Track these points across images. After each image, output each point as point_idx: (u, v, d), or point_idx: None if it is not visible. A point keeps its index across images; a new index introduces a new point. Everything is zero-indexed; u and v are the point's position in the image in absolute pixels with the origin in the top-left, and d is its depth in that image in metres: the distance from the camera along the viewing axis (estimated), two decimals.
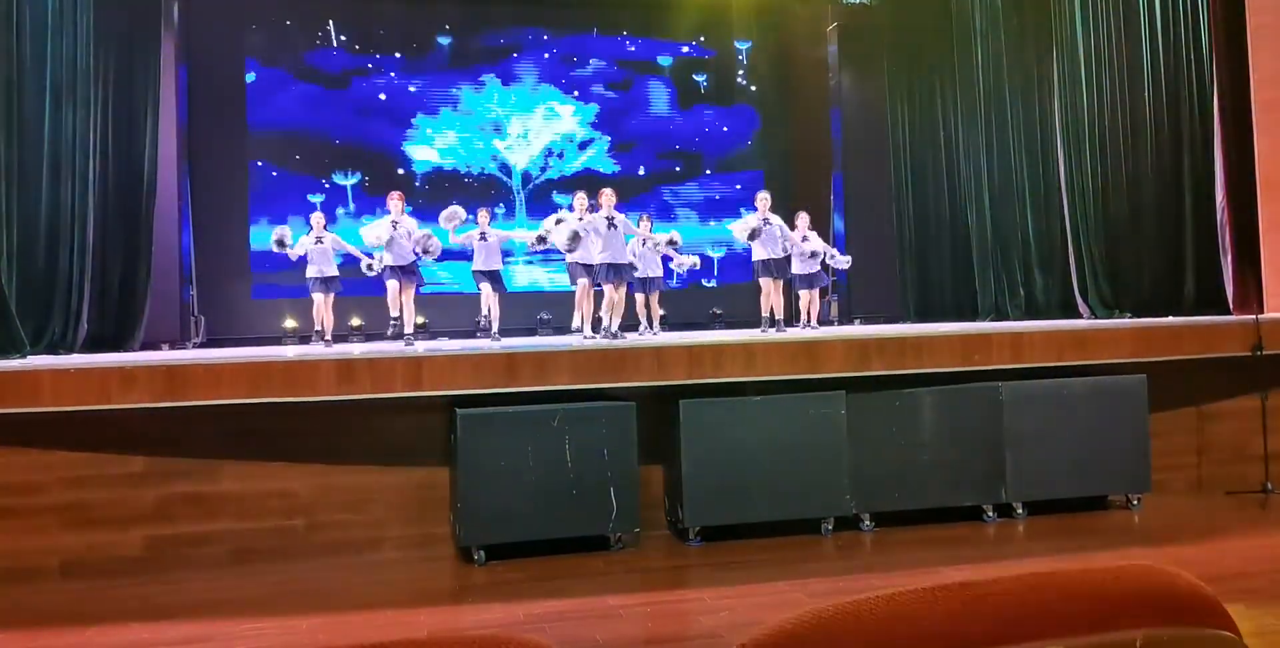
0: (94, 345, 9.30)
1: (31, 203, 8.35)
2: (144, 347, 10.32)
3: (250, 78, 13.34)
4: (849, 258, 10.22)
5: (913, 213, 12.91)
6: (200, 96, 12.80)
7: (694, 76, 14.91)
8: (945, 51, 12.35)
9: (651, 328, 9.31)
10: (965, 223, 12.06)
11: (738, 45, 15.06)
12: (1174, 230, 9.12)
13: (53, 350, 8.40)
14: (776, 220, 9.10)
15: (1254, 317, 7.00)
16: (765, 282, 9.16)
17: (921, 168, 12.84)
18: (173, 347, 11.02)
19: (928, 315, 12.34)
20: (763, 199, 9.14)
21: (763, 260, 9.08)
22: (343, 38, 13.74)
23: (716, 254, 14.48)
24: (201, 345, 11.61)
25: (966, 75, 11.92)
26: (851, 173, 13.93)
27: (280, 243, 8.92)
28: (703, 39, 14.88)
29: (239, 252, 13.01)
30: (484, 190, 13.86)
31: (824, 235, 13.46)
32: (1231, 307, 8.19)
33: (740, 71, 15.07)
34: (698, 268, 9.82)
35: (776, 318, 9.08)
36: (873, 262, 13.50)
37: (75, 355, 8.40)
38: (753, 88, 15.07)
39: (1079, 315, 9.96)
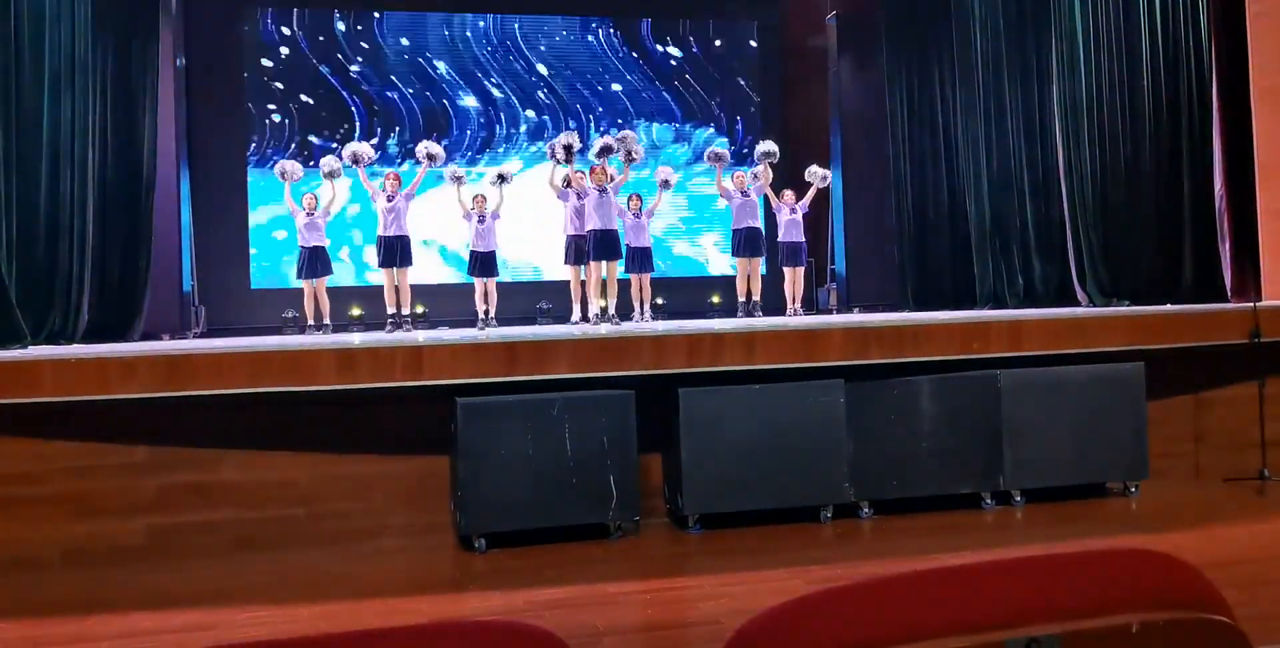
0: (94, 336, 9.30)
1: (30, 193, 8.34)
2: (144, 337, 10.32)
3: (249, 65, 13.31)
4: (825, 173, 9.86)
5: (911, 201, 12.89)
6: (199, 85, 12.77)
7: (694, 65, 14.87)
8: (944, 39, 12.33)
9: (643, 313, 9.25)
10: (964, 211, 12.05)
11: (737, 34, 15.01)
12: (1172, 218, 9.13)
13: (53, 341, 8.41)
14: (754, 193, 9.03)
15: (1252, 304, 7.00)
16: (741, 261, 9.11)
17: (920, 156, 12.82)
18: (173, 337, 11.02)
19: (926, 303, 12.33)
20: (738, 176, 9.07)
21: (738, 231, 9.00)
22: (342, 27, 13.70)
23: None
24: (202, 335, 11.62)
25: (965, 63, 11.90)
26: (850, 161, 13.92)
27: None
28: (702, 27, 14.85)
29: (239, 241, 13.01)
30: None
31: (822, 221, 13.49)
32: (1229, 294, 8.19)
33: (739, 60, 15.03)
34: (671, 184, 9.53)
35: (754, 299, 9.02)
36: (871, 250, 13.51)
37: (76, 346, 8.40)
38: (751, 76, 15.04)
39: (1077, 303, 9.97)
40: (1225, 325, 6.83)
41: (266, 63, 13.35)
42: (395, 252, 8.48)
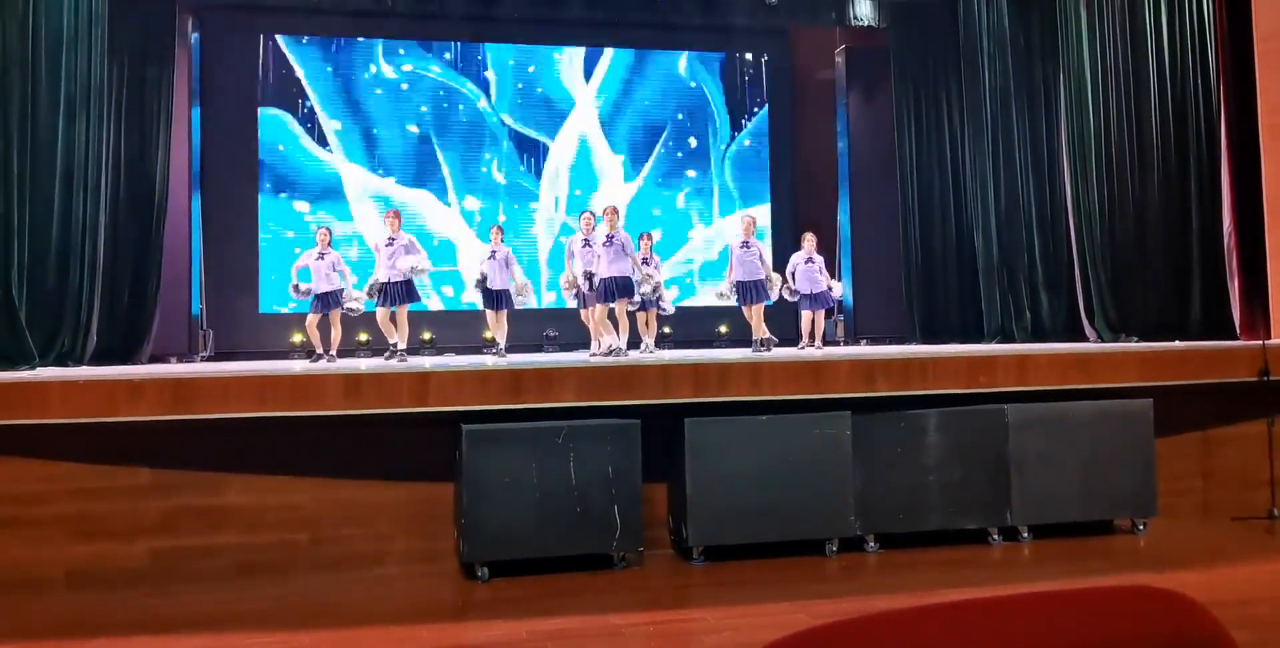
0: (102, 358, 9.32)
1: (43, 215, 8.38)
2: (152, 359, 10.34)
3: (262, 90, 13.41)
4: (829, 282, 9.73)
5: (919, 234, 12.91)
6: (213, 110, 12.87)
7: (701, 98, 14.96)
8: (953, 74, 12.41)
9: (650, 346, 9.27)
10: (972, 244, 12.07)
11: (745, 67, 15.11)
12: (1180, 254, 9.13)
13: (61, 362, 8.42)
14: (756, 244, 9.12)
15: (1261, 342, 6.99)
16: (746, 308, 9.22)
17: (928, 189, 12.86)
18: (181, 360, 11.04)
19: (934, 337, 12.32)
20: (747, 221, 9.14)
21: (738, 282, 9.10)
22: (358, 55, 13.83)
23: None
24: (209, 359, 11.63)
25: (974, 98, 11.96)
26: (858, 194, 13.97)
27: (296, 288, 9.14)
28: (710, 60, 14.95)
29: (248, 265, 13.05)
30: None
31: (831, 256, 13.49)
32: (1238, 331, 8.18)
33: (747, 93, 15.12)
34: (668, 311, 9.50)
35: (766, 337, 9.11)
36: (879, 282, 13.51)
37: (84, 367, 8.42)
38: (760, 109, 15.12)
39: (1085, 338, 9.94)
40: (1234, 363, 6.82)
41: (280, 88, 13.45)
42: (398, 294, 8.54)
